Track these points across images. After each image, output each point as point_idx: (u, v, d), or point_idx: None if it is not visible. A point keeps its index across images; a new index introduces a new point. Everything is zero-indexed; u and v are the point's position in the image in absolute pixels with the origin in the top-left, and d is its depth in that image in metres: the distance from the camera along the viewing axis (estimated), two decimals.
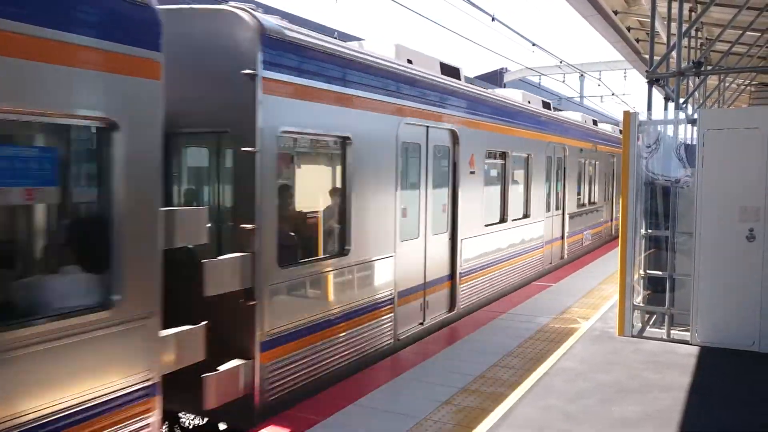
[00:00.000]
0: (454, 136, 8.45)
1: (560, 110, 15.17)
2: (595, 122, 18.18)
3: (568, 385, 5.92)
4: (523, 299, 9.95)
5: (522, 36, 18.08)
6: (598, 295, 10.35)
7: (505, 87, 29.62)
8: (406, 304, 7.45)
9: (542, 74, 31.43)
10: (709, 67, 13.70)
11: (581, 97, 39.45)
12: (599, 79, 30.91)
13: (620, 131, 11.29)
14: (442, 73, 8.72)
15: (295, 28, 5.87)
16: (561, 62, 25.39)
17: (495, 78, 31.09)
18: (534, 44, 19.37)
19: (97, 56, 3.79)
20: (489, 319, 8.61)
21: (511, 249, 10.69)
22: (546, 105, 13.70)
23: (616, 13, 13.37)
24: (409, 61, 7.95)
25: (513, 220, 10.76)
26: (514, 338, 7.64)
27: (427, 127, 7.84)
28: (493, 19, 15.71)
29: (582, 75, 33.03)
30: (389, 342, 7.11)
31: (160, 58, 4.14)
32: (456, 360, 6.77)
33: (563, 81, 32.15)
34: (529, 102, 12.42)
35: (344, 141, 6.32)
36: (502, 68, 31.63)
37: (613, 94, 34.41)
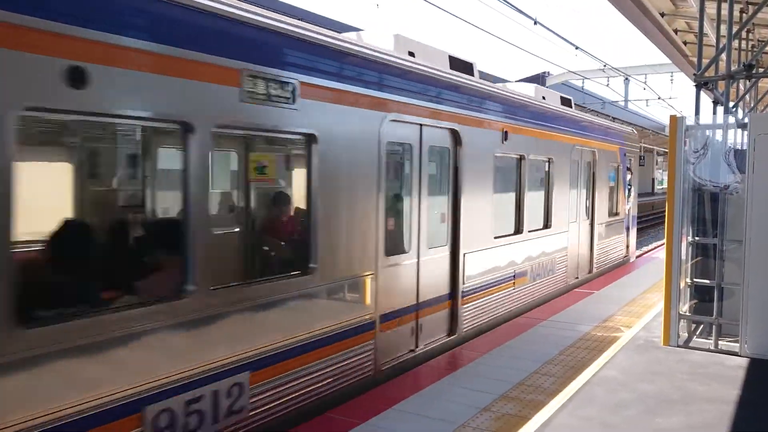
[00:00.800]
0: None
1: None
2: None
3: (610, 395, 5.80)
4: (564, 306, 9.81)
5: (565, 39, 17.88)
6: (641, 303, 10.12)
7: None
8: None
9: (585, 78, 30.94)
10: (761, 70, 13.27)
11: (626, 100, 38.67)
12: (645, 83, 30.25)
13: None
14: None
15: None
16: (605, 66, 24.97)
17: (537, 82, 30.68)
18: (577, 47, 19.12)
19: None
20: (530, 326, 8.52)
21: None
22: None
23: (662, 15, 13.07)
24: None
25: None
26: (554, 346, 7.53)
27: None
28: (535, 23, 15.61)
29: (627, 78, 32.39)
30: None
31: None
32: (495, 366, 6.72)
33: (607, 85, 31.58)
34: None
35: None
36: (545, 72, 31.25)
37: (659, 98, 33.63)
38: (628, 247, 15.55)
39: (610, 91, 34.20)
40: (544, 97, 11.12)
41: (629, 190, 15.58)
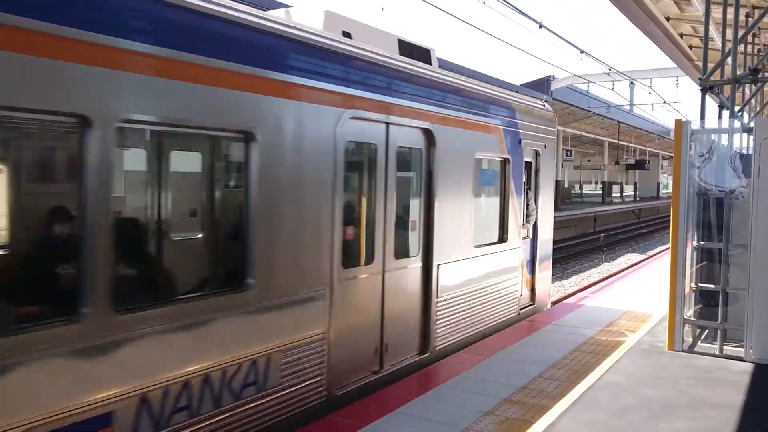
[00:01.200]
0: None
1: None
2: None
3: (614, 400, 5.78)
4: (568, 311, 9.78)
5: (570, 43, 17.88)
6: (646, 307, 10.08)
7: (552, 95, 29.20)
8: None
9: (591, 82, 30.91)
10: (767, 74, 13.23)
11: (631, 104, 38.61)
12: (650, 87, 30.22)
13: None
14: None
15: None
16: (610, 70, 24.95)
17: (542, 86, 30.77)
18: (582, 51, 19.11)
19: None
20: (534, 329, 8.49)
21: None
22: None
23: (668, 19, 13.05)
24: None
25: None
26: (558, 350, 7.51)
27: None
28: (540, 27, 15.60)
29: (632, 82, 32.34)
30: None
31: None
32: (499, 370, 6.70)
33: (612, 89, 31.55)
34: None
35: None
36: (549, 76, 31.21)
37: (664, 102, 33.58)
38: (533, 290, 9.69)
39: (616, 95, 34.18)
40: (347, 33, 6.43)
41: (527, 199, 9.32)
